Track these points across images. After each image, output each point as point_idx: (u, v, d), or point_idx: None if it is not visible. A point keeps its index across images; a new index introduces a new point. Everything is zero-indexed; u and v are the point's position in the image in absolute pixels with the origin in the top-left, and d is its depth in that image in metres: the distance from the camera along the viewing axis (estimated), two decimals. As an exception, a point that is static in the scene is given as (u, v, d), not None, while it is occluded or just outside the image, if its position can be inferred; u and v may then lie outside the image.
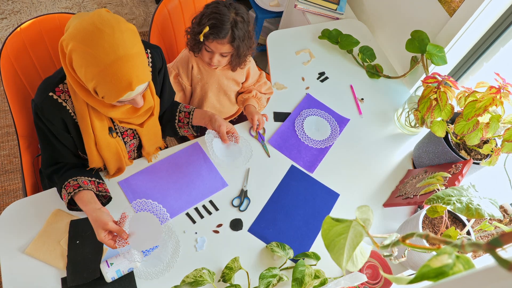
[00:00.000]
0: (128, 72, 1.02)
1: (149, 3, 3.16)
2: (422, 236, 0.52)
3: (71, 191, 1.26)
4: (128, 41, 1.01)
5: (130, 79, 1.02)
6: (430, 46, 1.75)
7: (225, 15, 1.45)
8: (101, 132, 1.26)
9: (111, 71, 1.00)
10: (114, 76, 1.00)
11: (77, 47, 0.99)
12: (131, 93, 1.06)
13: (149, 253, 1.30)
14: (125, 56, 1.00)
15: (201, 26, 1.47)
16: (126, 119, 1.28)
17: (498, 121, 1.39)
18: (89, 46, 0.98)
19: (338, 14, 2.19)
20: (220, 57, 1.54)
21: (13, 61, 1.50)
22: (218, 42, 1.47)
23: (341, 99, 1.87)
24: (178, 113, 1.51)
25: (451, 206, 1.03)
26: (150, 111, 1.33)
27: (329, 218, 0.62)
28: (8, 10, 2.85)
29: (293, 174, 1.60)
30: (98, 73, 1.00)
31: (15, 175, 2.29)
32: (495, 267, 0.37)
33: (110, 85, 1.02)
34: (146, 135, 1.41)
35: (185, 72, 1.66)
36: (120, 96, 1.05)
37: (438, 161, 1.57)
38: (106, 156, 1.33)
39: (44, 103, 1.17)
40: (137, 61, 1.03)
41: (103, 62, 0.99)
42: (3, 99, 2.53)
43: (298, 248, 1.45)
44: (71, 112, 1.21)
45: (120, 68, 1.00)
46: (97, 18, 1.00)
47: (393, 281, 0.55)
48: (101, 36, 0.98)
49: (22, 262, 1.26)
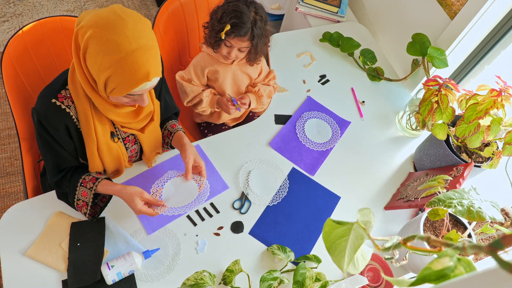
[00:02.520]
0: (148, 62, 1.02)
1: (150, 5, 3.16)
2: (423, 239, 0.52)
3: (92, 185, 1.28)
4: (149, 33, 1.03)
5: (148, 69, 1.03)
6: (431, 49, 1.76)
7: (245, 14, 1.49)
8: (103, 136, 1.26)
9: (132, 59, 1.00)
10: (134, 64, 1.01)
11: (98, 34, 0.98)
12: (147, 84, 1.07)
13: (150, 256, 1.30)
14: (146, 46, 1.01)
15: (222, 24, 1.50)
16: (127, 124, 1.27)
17: (499, 124, 1.39)
18: (111, 33, 0.98)
19: (339, 17, 2.19)
20: (238, 52, 1.59)
21: (14, 64, 1.50)
22: (238, 39, 1.52)
23: (342, 102, 1.87)
24: (163, 129, 1.50)
25: (452, 209, 1.02)
26: (150, 115, 1.33)
27: (330, 220, 0.62)
28: (10, 13, 2.86)
29: (294, 176, 1.60)
30: (117, 61, 1.00)
31: (16, 177, 2.29)
32: (497, 269, 0.37)
33: (128, 73, 1.02)
34: (146, 141, 1.40)
35: (198, 75, 1.69)
36: (136, 86, 1.05)
37: (439, 164, 1.57)
38: (106, 160, 1.33)
39: (47, 110, 1.16)
40: (156, 53, 1.05)
41: (125, 49, 0.99)
42: (5, 101, 2.54)
43: (299, 250, 1.45)
44: (74, 118, 1.21)
45: (140, 57, 1.01)
46: (118, 8, 1.02)
47: (394, 284, 0.55)
48: (124, 24, 0.99)
49: (23, 264, 1.26)
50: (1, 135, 2.42)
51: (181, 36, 1.90)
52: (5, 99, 2.54)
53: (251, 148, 1.64)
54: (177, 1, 1.81)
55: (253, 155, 1.62)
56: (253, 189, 1.53)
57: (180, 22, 1.85)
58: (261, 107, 1.80)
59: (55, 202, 1.37)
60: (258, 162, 1.61)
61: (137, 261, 1.26)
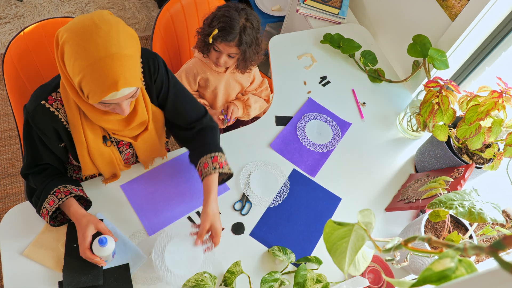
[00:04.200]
0: (116, 70, 0.99)
1: (151, 7, 3.17)
2: (424, 240, 0.52)
3: (63, 197, 1.24)
4: (123, 41, 1.01)
5: (116, 78, 1.00)
6: (432, 51, 1.76)
7: (235, 20, 1.49)
8: (94, 141, 1.24)
9: (99, 66, 0.98)
10: (101, 72, 0.98)
11: (70, 39, 0.99)
12: (116, 93, 1.03)
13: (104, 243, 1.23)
14: (116, 54, 0.99)
15: (211, 28, 1.51)
16: (118, 131, 1.25)
17: (500, 125, 1.38)
18: (82, 39, 0.97)
19: (340, 18, 2.19)
20: (227, 58, 1.59)
21: (16, 65, 1.50)
22: (225, 44, 1.52)
23: (343, 103, 1.87)
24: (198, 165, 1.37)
25: (454, 211, 1.02)
26: (143, 125, 1.29)
27: (331, 221, 0.62)
28: (12, 15, 2.86)
29: (295, 178, 1.60)
30: (86, 67, 0.98)
31: (17, 178, 2.29)
32: (498, 270, 0.37)
33: (96, 81, 0.99)
34: (141, 148, 1.38)
35: (190, 81, 1.69)
36: (104, 95, 1.01)
37: (440, 165, 1.57)
38: (99, 164, 1.32)
39: (36, 111, 1.15)
40: (128, 62, 1.01)
41: (93, 57, 0.97)
42: (6, 102, 2.54)
43: (300, 252, 1.44)
44: (63, 121, 1.19)
45: (108, 65, 0.98)
46: (97, 15, 1.01)
47: (395, 285, 0.55)
48: (96, 32, 0.98)
49: (23, 265, 1.26)
50: (3, 136, 2.42)
51: (182, 38, 1.90)
52: (7, 100, 2.55)
53: (252, 150, 1.64)
54: (178, 3, 1.81)
55: (254, 157, 1.62)
56: (254, 191, 1.53)
57: (181, 23, 1.86)
58: (247, 117, 1.81)
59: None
60: (259, 164, 1.61)
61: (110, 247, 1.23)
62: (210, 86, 1.70)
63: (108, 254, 1.22)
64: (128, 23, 3.02)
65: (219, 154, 1.37)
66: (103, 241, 1.19)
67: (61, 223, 1.32)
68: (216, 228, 1.28)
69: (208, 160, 1.35)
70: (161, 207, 1.43)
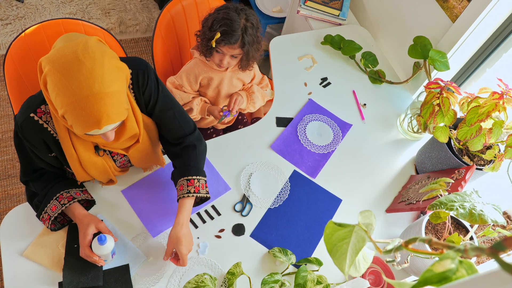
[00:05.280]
0: (99, 110, 0.97)
1: (152, 8, 3.17)
2: (425, 241, 0.52)
3: (66, 203, 1.25)
4: (107, 78, 0.98)
5: (99, 117, 0.98)
6: (433, 52, 1.76)
7: (235, 21, 1.49)
8: (85, 152, 1.23)
9: (81, 105, 0.96)
10: (82, 111, 0.97)
11: (52, 73, 0.96)
12: (98, 130, 1.03)
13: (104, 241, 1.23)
14: (99, 93, 0.96)
15: (213, 32, 1.50)
16: (108, 145, 1.23)
17: (501, 127, 1.38)
18: (64, 76, 0.94)
19: (341, 20, 2.19)
20: (230, 59, 1.59)
21: (17, 66, 1.50)
22: (229, 46, 1.52)
23: (343, 105, 1.87)
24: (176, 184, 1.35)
25: (454, 212, 1.02)
26: (135, 138, 1.27)
27: (332, 222, 0.61)
28: (13, 16, 2.87)
29: (295, 179, 1.60)
30: (68, 104, 0.96)
31: (17, 179, 2.29)
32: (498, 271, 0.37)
33: (78, 118, 0.98)
34: (135, 158, 1.36)
35: (191, 81, 1.69)
36: (87, 131, 1.01)
37: (441, 167, 1.56)
38: (93, 173, 1.30)
39: (24, 123, 1.14)
40: (111, 100, 0.99)
41: (75, 95, 0.95)
42: (7, 103, 2.54)
43: (301, 253, 1.44)
44: (53, 133, 1.18)
45: (91, 104, 0.96)
46: (81, 47, 0.97)
47: (396, 286, 0.54)
48: (79, 69, 0.94)
49: (24, 265, 1.26)
50: (3, 137, 2.42)
51: (183, 39, 1.90)
52: (7, 101, 2.55)
53: (253, 151, 1.64)
54: (179, 4, 1.81)
55: (255, 158, 1.62)
56: (255, 192, 1.53)
57: (182, 24, 1.86)
58: (252, 106, 1.79)
59: (57, 204, 1.37)
60: (260, 165, 1.61)
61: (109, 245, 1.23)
62: (212, 85, 1.70)
63: (107, 253, 1.22)
64: (129, 24, 3.02)
65: (197, 178, 1.33)
66: (102, 239, 1.19)
67: (61, 225, 1.32)
68: (180, 252, 1.24)
69: (184, 182, 1.32)
70: (162, 209, 1.43)
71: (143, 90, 1.23)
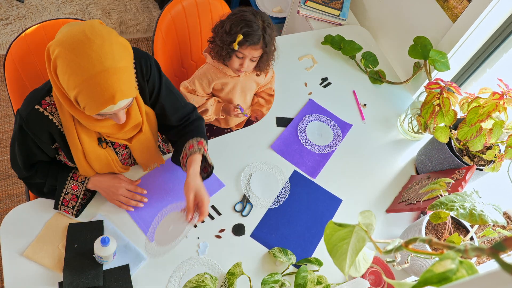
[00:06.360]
0: (113, 84, 0.99)
1: (152, 8, 3.17)
2: (425, 241, 0.52)
3: (84, 179, 1.31)
4: (117, 54, 1.00)
5: (113, 92, 1.00)
6: (433, 52, 1.76)
7: (254, 22, 1.49)
8: (89, 144, 1.24)
9: (95, 81, 0.97)
10: (97, 87, 0.98)
11: (63, 54, 0.97)
12: (113, 106, 1.04)
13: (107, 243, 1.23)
14: (111, 68, 0.98)
15: (233, 35, 1.49)
16: (112, 134, 1.25)
17: (501, 127, 1.38)
18: (75, 54, 0.96)
19: (341, 20, 2.20)
20: (250, 61, 1.58)
21: (17, 66, 1.50)
22: (252, 47, 1.52)
23: (343, 105, 1.87)
24: (183, 149, 1.40)
25: (454, 212, 1.02)
26: (138, 127, 1.30)
27: (332, 223, 0.61)
28: (13, 16, 2.87)
29: (295, 179, 1.60)
30: (81, 83, 0.98)
31: (18, 179, 2.29)
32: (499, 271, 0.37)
33: (92, 96, 1.00)
34: (137, 150, 1.38)
35: (204, 86, 1.68)
36: (101, 109, 1.02)
37: (441, 167, 1.56)
38: (96, 167, 1.32)
39: (29, 115, 1.15)
40: (123, 75, 1.01)
41: (88, 72, 0.97)
42: (7, 103, 2.54)
43: (301, 253, 1.44)
44: (57, 125, 1.19)
45: (104, 79, 0.98)
46: (88, 27, 0.99)
47: (396, 287, 0.54)
48: (90, 46, 0.96)
49: (24, 265, 1.26)
50: (4, 137, 2.42)
51: (183, 39, 1.90)
52: (8, 101, 2.55)
53: (253, 151, 1.64)
54: (179, 4, 1.81)
55: (255, 158, 1.62)
56: (255, 192, 1.53)
57: (182, 25, 1.86)
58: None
59: (57, 204, 1.38)
60: (260, 165, 1.61)
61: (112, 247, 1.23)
62: (226, 89, 1.70)
63: (109, 254, 1.22)
64: (129, 24, 3.03)
65: (205, 141, 1.40)
66: (106, 241, 1.19)
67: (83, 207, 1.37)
68: (201, 196, 1.26)
69: (194, 142, 1.37)
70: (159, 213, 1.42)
71: (147, 78, 1.27)
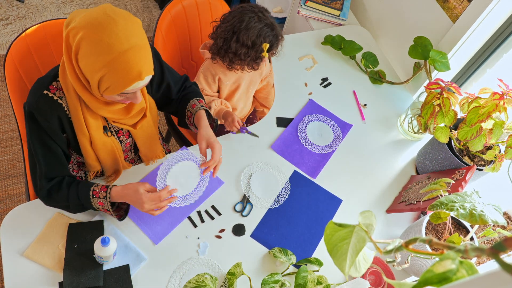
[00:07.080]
0: (140, 61, 1.04)
1: (153, 8, 3.18)
2: (425, 242, 0.52)
3: (105, 194, 1.25)
4: (139, 32, 1.05)
5: (141, 68, 1.04)
6: (433, 52, 1.76)
7: (272, 25, 1.52)
8: (96, 131, 1.26)
9: (124, 59, 1.01)
10: (127, 64, 1.02)
11: (89, 35, 0.99)
12: (139, 83, 1.08)
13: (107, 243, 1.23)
14: (137, 45, 1.03)
15: (260, 45, 1.50)
16: (118, 119, 1.28)
17: (502, 127, 1.38)
18: (103, 34, 0.99)
19: (341, 20, 2.20)
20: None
21: (17, 66, 1.50)
22: (275, 49, 1.57)
23: (344, 105, 1.87)
24: (187, 111, 1.48)
25: (455, 212, 1.02)
26: (142, 112, 1.34)
27: (332, 223, 0.61)
28: (13, 16, 2.87)
29: (295, 179, 1.60)
30: (110, 61, 1.01)
31: (18, 179, 2.29)
32: (499, 272, 0.37)
33: (121, 73, 1.03)
34: (140, 137, 1.40)
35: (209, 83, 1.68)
36: (129, 85, 1.06)
37: (441, 167, 1.56)
38: (102, 156, 1.33)
39: (39, 101, 1.15)
40: (147, 52, 1.06)
41: (117, 50, 1.00)
42: (8, 103, 2.54)
43: (301, 253, 1.44)
44: (66, 110, 1.20)
45: (133, 56, 1.02)
46: (108, 8, 1.03)
47: (396, 287, 0.54)
48: (115, 25, 1.00)
49: (24, 265, 1.26)
50: (4, 137, 2.43)
51: (184, 39, 1.90)
52: (8, 101, 2.55)
53: (253, 151, 1.64)
54: (180, 4, 1.81)
55: (255, 158, 1.62)
56: (255, 192, 1.53)
57: (182, 25, 1.86)
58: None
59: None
60: (260, 165, 1.61)
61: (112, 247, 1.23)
62: (229, 84, 1.70)
63: (110, 254, 1.22)
64: (130, 24, 3.03)
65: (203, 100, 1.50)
66: (106, 241, 1.19)
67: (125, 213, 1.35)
68: (212, 143, 1.32)
69: (195, 101, 1.46)
70: (160, 214, 1.42)
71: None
